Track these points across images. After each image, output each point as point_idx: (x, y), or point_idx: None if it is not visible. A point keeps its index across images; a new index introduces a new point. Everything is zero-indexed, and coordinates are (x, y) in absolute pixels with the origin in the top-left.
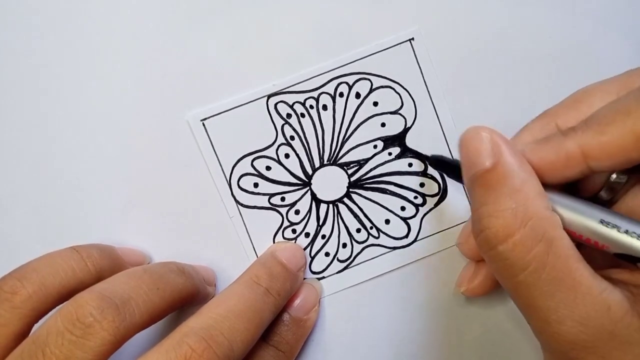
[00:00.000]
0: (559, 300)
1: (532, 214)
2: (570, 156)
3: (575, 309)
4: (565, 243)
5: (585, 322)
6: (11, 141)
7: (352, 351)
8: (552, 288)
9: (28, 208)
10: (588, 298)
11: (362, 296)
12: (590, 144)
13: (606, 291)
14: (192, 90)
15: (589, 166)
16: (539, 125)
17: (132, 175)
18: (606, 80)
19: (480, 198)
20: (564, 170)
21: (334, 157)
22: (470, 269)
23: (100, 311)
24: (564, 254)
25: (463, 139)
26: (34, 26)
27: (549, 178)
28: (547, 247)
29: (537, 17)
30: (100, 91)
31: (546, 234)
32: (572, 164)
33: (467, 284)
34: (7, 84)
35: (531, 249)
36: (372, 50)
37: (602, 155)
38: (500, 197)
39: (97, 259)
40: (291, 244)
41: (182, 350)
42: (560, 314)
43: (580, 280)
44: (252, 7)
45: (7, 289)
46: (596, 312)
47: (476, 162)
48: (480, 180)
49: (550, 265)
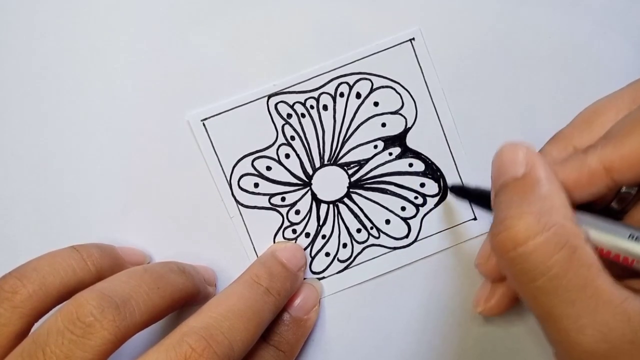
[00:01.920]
0: (579, 309)
1: (556, 221)
2: (593, 172)
3: (596, 317)
4: (588, 251)
5: (605, 331)
6: (11, 141)
7: (352, 351)
8: (572, 295)
9: (28, 208)
10: (609, 307)
11: (363, 296)
12: (611, 157)
13: (627, 300)
14: (192, 90)
15: (614, 180)
16: (555, 148)
17: (133, 175)
18: (614, 95)
19: (506, 203)
20: (589, 187)
21: (335, 157)
22: (487, 289)
23: (101, 310)
24: (587, 262)
25: (499, 151)
26: (34, 26)
27: (576, 197)
28: (570, 253)
29: (537, 17)
30: (101, 91)
31: (569, 242)
32: (596, 180)
33: (484, 304)
34: (8, 84)
35: (553, 254)
36: (373, 50)
37: (624, 167)
38: (525, 202)
39: (98, 258)
40: (291, 244)
41: (182, 350)
42: (581, 323)
43: (602, 289)
44: (252, 7)
45: (7, 288)
46: (617, 322)
47: (508, 171)
48: (509, 187)
49: (573, 272)
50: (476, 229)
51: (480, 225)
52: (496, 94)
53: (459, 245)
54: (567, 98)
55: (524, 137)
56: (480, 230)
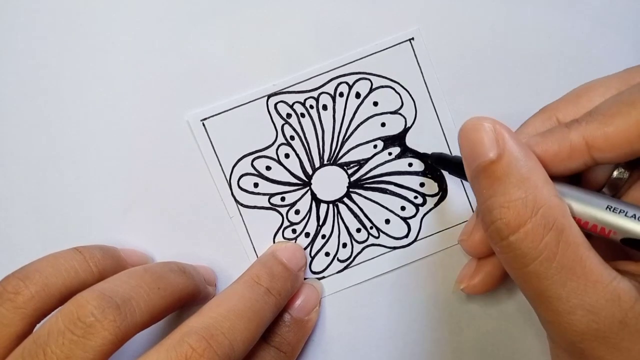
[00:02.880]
0: (569, 289)
1: (542, 202)
2: (575, 147)
3: (586, 297)
4: (575, 231)
5: (596, 311)
6: (12, 141)
7: (352, 351)
8: (562, 277)
9: (29, 209)
10: (599, 286)
11: (362, 296)
12: (594, 135)
13: (616, 280)
14: (192, 90)
15: (593, 157)
16: (539, 120)
17: (133, 176)
18: (606, 77)
19: (488, 190)
20: (567, 161)
21: (334, 157)
22: (472, 267)
23: (101, 310)
24: (574, 242)
25: (463, 129)
26: (34, 26)
27: (553, 170)
28: (557, 235)
29: (537, 17)
30: (101, 91)
31: (557, 222)
32: (576, 155)
33: (468, 281)
34: (8, 85)
35: (542, 238)
36: (372, 50)
37: (607, 146)
38: (509, 188)
39: (100, 259)
40: (291, 244)
41: (182, 350)
42: (572, 303)
43: (591, 268)
44: (252, 7)
45: (10, 289)
46: (607, 301)
47: (480, 153)
48: (486, 172)
49: (561, 253)
50: (472, 211)
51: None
52: (496, 94)
53: (459, 245)
54: None
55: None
56: None
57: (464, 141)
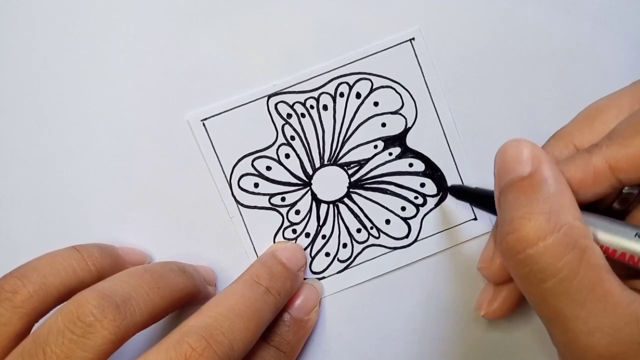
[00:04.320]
0: (589, 310)
1: (566, 221)
2: (599, 172)
3: (605, 320)
4: (597, 253)
5: (614, 333)
6: (11, 141)
7: (352, 351)
8: (582, 297)
9: (28, 208)
10: (618, 309)
11: (363, 296)
12: (616, 157)
13: (635, 302)
14: (192, 90)
15: (619, 179)
16: (557, 148)
17: (133, 175)
18: (615, 94)
19: (512, 202)
20: (594, 186)
21: (335, 157)
22: (489, 292)
23: (101, 310)
24: (596, 263)
25: (503, 148)
26: (34, 26)
27: (580, 197)
28: (580, 255)
29: (537, 17)
30: (101, 91)
31: (579, 242)
32: (601, 180)
33: (487, 307)
34: (8, 84)
35: (563, 255)
36: (373, 50)
37: (630, 167)
38: (534, 202)
39: (98, 258)
40: (291, 244)
41: (182, 349)
42: (590, 325)
43: (611, 291)
44: (252, 7)
45: (8, 288)
46: (625, 324)
47: (514, 170)
48: (515, 186)
49: (583, 273)
50: (476, 229)
51: (480, 226)
52: (496, 94)
53: (460, 245)
54: (567, 98)
55: (524, 136)
56: (480, 231)
57: (501, 159)
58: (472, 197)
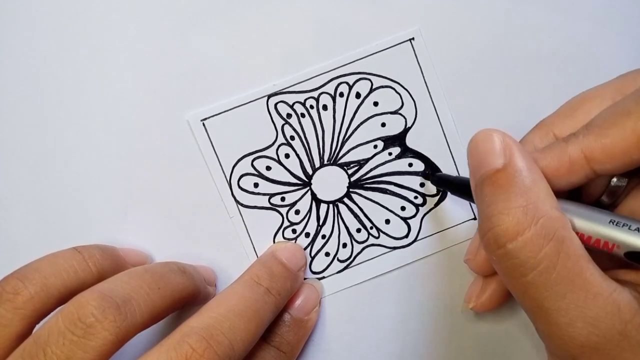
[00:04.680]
0: (569, 301)
1: (543, 213)
2: (574, 161)
3: (586, 310)
4: (576, 243)
5: (595, 323)
6: (11, 141)
7: (352, 351)
8: (562, 288)
9: (29, 208)
10: (599, 299)
11: (363, 296)
12: (592, 147)
13: (616, 292)
14: (192, 90)
15: (593, 169)
16: (537, 136)
17: (133, 175)
18: (600, 87)
19: (490, 197)
20: (568, 175)
21: (334, 157)
22: (478, 285)
23: (102, 311)
24: (575, 254)
25: (474, 140)
26: (34, 26)
27: (555, 185)
28: (558, 246)
29: (537, 17)
30: (101, 91)
31: (557, 233)
32: (576, 169)
33: (476, 300)
34: (8, 84)
35: (542, 248)
36: (373, 50)
37: (606, 158)
38: (511, 196)
39: (99, 259)
40: (291, 244)
41: (182, 350)
42: (571, 316)
43: (591, 281)
44: (252, 7)
45: (9, 290)
46: (606, 313)
47: (487, 162)
48: (490, 180)
49: (561, 264)
50: (476, 229)
51: None
52: (496, 94)
53: (459, 245)
54: (567, 98)
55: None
56: None
57: (473, 151)
58: (453, 185)
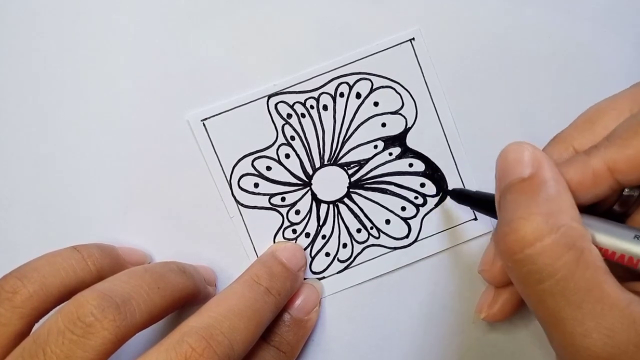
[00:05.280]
0: (585, 312)
1: (564, 222)
2: (598, 173)
3: (602, 320)
4: (595, 254)
5: (611, 334)
6: (11, 141)
7: (352, 351)
8: (579, 298)
9: (28, 208)
10: (615, 310)
11: (363, 296)
12: (615, 158)
13: (633, 304)
14: (192, 90)
15: (617, 180)
16: (557, 151)
17: (133, 175)
18: (615, 97)
19: (512, 203)
20: (593, 188)
21: (335, 157)
22: (490, 295)
23: (101, 310)
24: (594, 265)
25: (504, 151)
26: (34, 26)
27: (579, 198)
28: (577, 256)
29: (537, 17)
30: (101, 91)
31: (577, 243)
32: (600, 181)
33: (488, 310)
34: (8, 84)
35: (561, 256)
36: (373, 50)
37: (629, 169)
38: (533, 203)
39: (98, 258)
40: (291, 244)
41: (182, 350)
42: (587, 326)
43: (609, 292)
44: (252, 7)
45: (8, 289)
46: (622, 325)
47: (514, 171)
48: (515, 187)
49: (580, 274)
50: (477, 229)
51: (480, 226)
52: (496, 94)
53: (460, 245)
54: (567, 98)
55: (524, 137)
56: (480, 231)
57: (502, 161)
58: (473, 200)
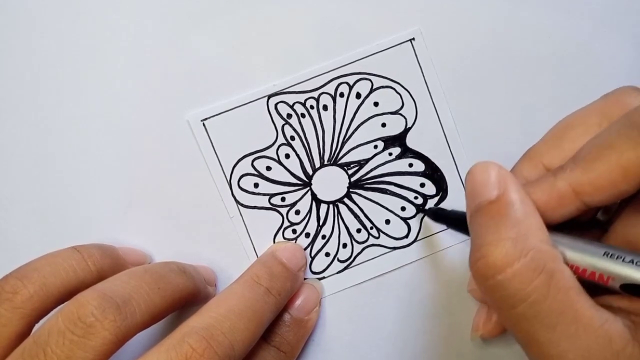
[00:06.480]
0: (560, 333)
1: (533, 245)
2: (563, 195)
3: (577, 341)
4: (566, 275)
5: (587, 355)
6: (11, 141)
7: (352, 351)
8: (553, 320)
9: (28, 208)
10: (590, 330)
11: (363, 296)
12: (580, 181)
13: (607, 322)
14: (192, 90)
15: (583, 202)
16: (526, 167)
17: (133, 175)
18: (583, 111)
19: (481, 228)
20: (559, 209)
21: (335, 157)
22: (484, 313)
23: (102, 310)
24: (565, 286)
25: (471, 171)
26: (34, 26)
27: (547, 218)
28: (548, 279)
29: (537, 17)
30: (101, 91)
31: (547, 266)
32: (566, 202)
33: (483, 328)
34: (7, 84)
35: (531, 280)
36: (373, 50)
37: (594, 191)
38: (501, 227)
39: (98, 258)
40: (291, 244)
41: (182, 350)
42: (562, 347)
43: (582, 312)
44: (252, 7)
45: (8, 289)
46: (598, 345)
47: (481, 193)
48: (483, 211)
49: (552, 297)
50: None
51: None
52: (496, 94)
53: (459, 245)
54: (567, 98)
55: (523, 137)
56: None
57: (470, 181)
58: (449, 220)
